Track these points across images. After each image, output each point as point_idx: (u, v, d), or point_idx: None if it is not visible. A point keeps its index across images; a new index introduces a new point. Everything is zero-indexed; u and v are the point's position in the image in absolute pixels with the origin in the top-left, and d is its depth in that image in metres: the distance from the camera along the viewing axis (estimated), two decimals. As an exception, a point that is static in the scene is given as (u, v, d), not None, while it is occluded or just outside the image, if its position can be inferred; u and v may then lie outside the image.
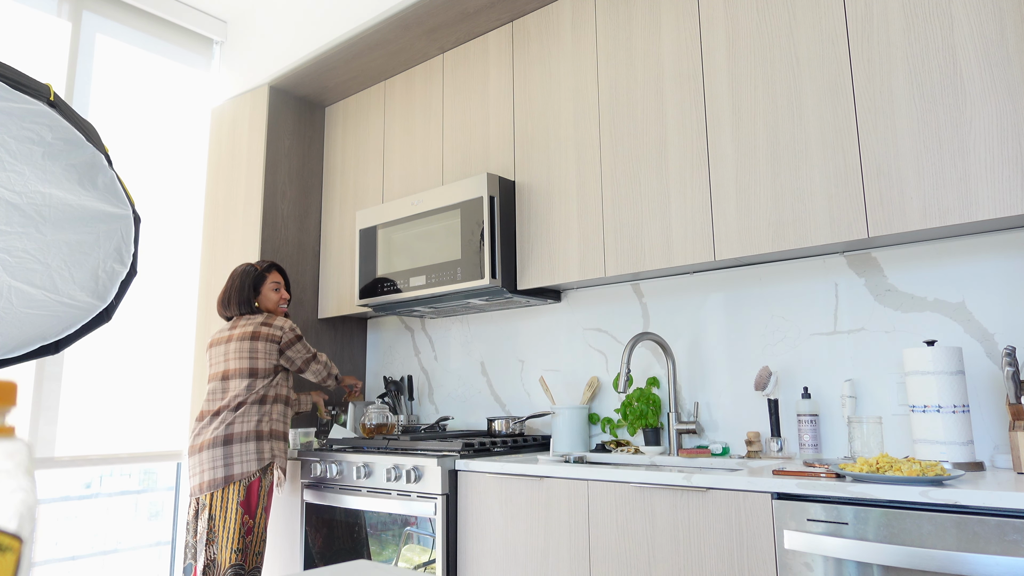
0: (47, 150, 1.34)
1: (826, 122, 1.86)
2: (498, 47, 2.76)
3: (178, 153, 3.42)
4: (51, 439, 2.85)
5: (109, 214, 1.48)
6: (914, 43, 1.74)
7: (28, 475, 0.41)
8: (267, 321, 2.50)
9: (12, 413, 0.43)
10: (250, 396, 2.39)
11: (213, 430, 2.34)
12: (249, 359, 2.42)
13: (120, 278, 1.56)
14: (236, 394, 2.38)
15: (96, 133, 1.42)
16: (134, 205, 1.52)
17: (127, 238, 1.53)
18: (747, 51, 2.04)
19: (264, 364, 2.43)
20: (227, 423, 2.34)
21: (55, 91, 1.28)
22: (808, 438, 1.99)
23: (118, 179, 1.47)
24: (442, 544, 2.15)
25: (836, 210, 1.82)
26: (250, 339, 2.44)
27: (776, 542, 1.53)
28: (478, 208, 2.51)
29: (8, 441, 0.41)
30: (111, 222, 1.49)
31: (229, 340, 2.47)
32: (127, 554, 3.10)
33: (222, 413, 2.36)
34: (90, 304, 1.54)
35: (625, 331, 2.52)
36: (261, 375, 2.42)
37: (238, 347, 2.43)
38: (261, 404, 2.40)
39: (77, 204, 1.43)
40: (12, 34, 2.87)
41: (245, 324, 2.49)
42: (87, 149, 1.38)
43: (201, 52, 3.58)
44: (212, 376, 2.48)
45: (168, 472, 3.30)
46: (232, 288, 2.58)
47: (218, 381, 2.44)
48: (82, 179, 1.41)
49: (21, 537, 0.40)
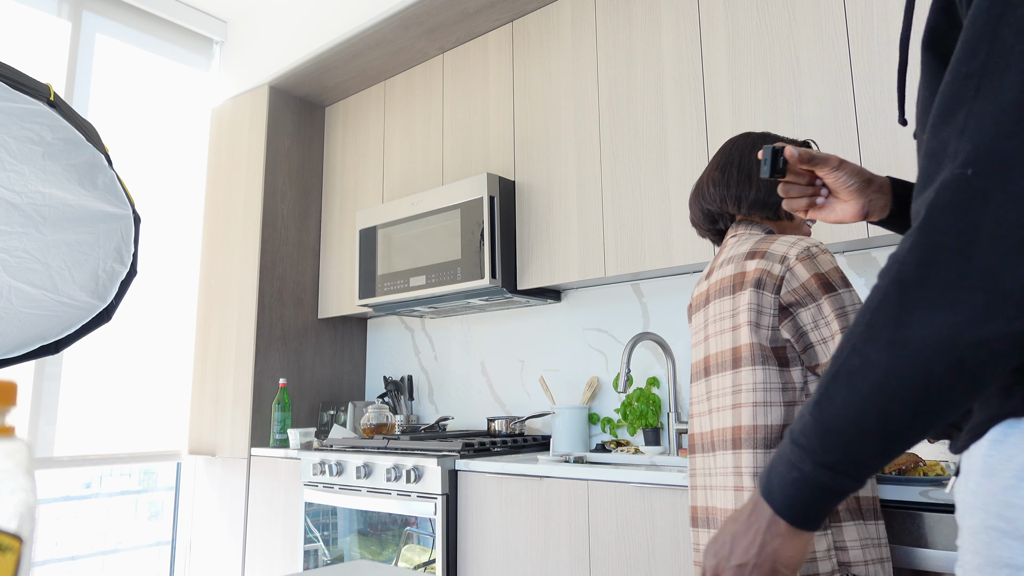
0: (47, 150, 1.34)
1: (826, 122, 1.86)
2: (498, 47, 2.76)
3: (178, 153, 3.42)
4: (51, 439, 2.85)
5: (109, 214, 1.48)
6: (914, 43, 1.74)
7: (28, 475, 0.41)
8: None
9: (12, 413, 0.43)
10: None
11: None
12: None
13: (120, 278, 1.56)
14: None
15: (96, 133, 1.42)
16: (134, 205, 1.52)
17: (127, 238, 1.53)
18: (747, 51, 2.04)
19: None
20: None
21: (55, 91, 1.28)
22: (808, 438, 1.99)
23: (118, 179, 1.47)
24: (442, 544, 2.15)
25: (836, 210, 1.82)
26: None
27: (776, 542, 1.53)
28: (478, 208, 2.51)
29: (8, 441, 0.41)
30: (111, 222, 1.49)
31: None
32: (127, 554, 3.11)
33: None
34: (90, 304, 1.54)
35: (625, 331, 2.52)
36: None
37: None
38: None
39: (77, 204, 1.43)
40: (12, 34, 2.87)
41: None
42: (87, 149, 1.38)
43: (201, 52, 3.58)
44: None
45: (168, 472, 3.30)
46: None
47: None
48: (82, 179, 1.41)
49: (21, 537, 0.40)
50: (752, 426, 1.21)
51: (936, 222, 0.52)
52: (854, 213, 0.94)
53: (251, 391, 3.01)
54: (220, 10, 3.54)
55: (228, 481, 3.02)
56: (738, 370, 1.25)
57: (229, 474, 3.02)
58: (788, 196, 0.95)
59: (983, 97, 0.52)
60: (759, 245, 1.31)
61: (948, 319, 0.51)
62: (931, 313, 0.52)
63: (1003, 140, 0.50)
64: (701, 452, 1.35)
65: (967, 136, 0.52)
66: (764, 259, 1.27)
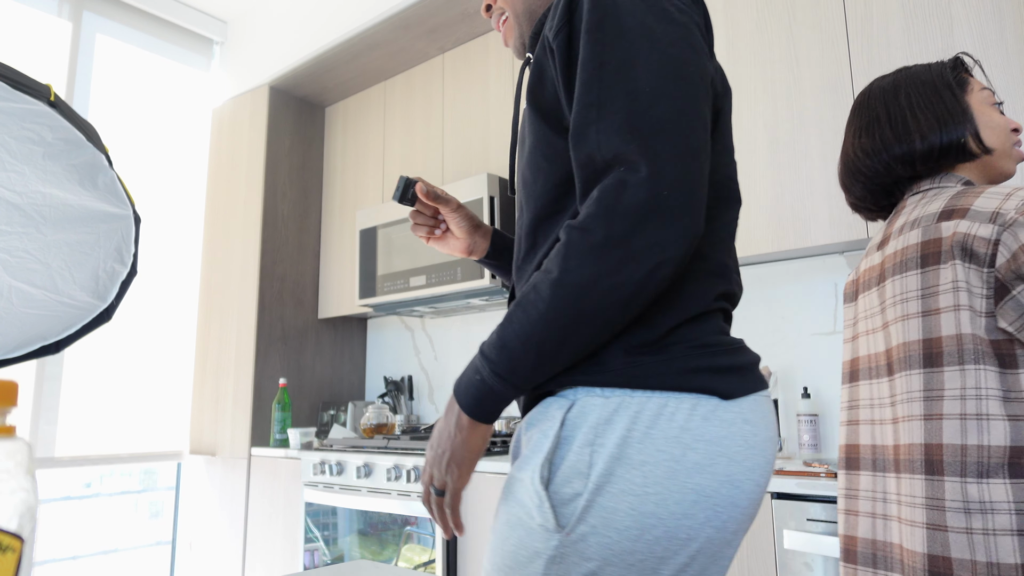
0: (47, 150, 1.34)
1: (826, 122, 1.86)
2: (498, 47, 2.76)
3: (178, 153, 3.42)
4: (51, 439, 2.86)
5: (109, 214, 1.48)
6: (914, 43, 1.74)
7: (28, 475, 0.41)
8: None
9: (12, 413, 0.43)
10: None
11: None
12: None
13: (120, 278, 1.56)
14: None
15: (96, 133, 1.42)
16: (134, 205, 1.52)
17: (127, 238, 1.53)
18: (747, 51, 2.04)
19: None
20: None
21: (55, 91, 1.28)
22: (807, 438, 1.99)
23: (118, 179, 1.47)
24: (442, 544, 2.16)
25: (836, 210, 1.82)
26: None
27: (776, 542, 1.53)
28: (478, 208, 2.51)
29: (8, 441, 0.41)
30: (111, 222, 1.49)
31: None
32: (127, 554, 3.11)
33: None
34: (90, 304, 1.54)
35: (625, 331, 2.52)
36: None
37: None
38: None
39: (77, 204, 1.43)
40: (12, 34, 2.88)
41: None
42: (87, 149, 1.38)
43: (201, 52, 3.58)
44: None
45: (168, 472, 3.30)
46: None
47: None
48: (82, 179, 1.41)
49: (22, 537, 0.40)
50: (960, 446, 0.91)
51: (593, 201, 0.70)
52: (462, 249, 1.11)
53: (251, 391, 3.01)
54: (220, 10, 3.54)
55: (228, 481, 3.02)
56: (936, 369, 0.95)
57: (229, 474, 3.02)
58: (415, 222, 1.10)
59: (603, 119, 0.72)
60: (957, 201, 0.99)
61: (593, 269, 0.68)
62: (582, 264, 0.69)
63: (624, 145, 0.70)
64: (871, 470, 1.05)
65: (601, 147, 0.72)
66: (967, 218, 0.95)
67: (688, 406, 0.73)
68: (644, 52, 0.72)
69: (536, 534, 0.73)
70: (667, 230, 0.67)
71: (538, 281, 0.72)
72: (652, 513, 0.71)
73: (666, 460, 0.72)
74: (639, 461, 0.71)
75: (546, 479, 0.73)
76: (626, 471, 0.71)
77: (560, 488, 0.73)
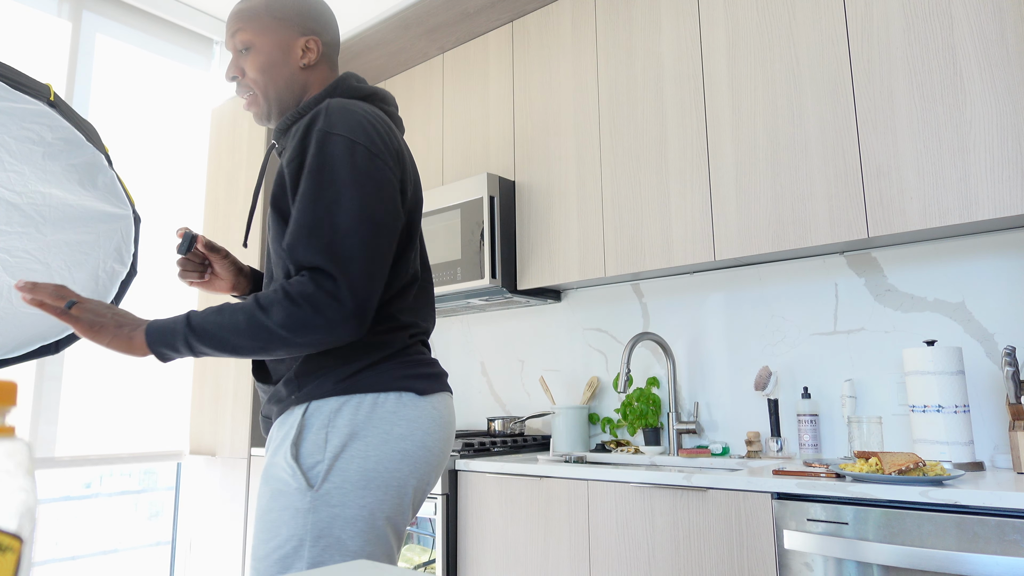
0: (47, 150, 1.34)
1: (826, 122, 1.86)
2: (498, 47, 2.76)
3: (178, 153, 3.42)
4: (51, 439, 2.85)
5: (109, 214, 1.48)
6: (914, 43, 1.74)
7: (28, 475, 0.41)
8: None
9: (12, 413, 0.44)
10: None
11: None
12: None
13: (120, 278, 1.56)
14: None
15: (96, 133, 1.42)
16: (134, 205, 1.52)
17: (127, 238, 1.53)
18: (747, 51, 2.04)
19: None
20: None
21: (55, 91, 1.28)
22: (808, 438, 1.99)
23: (118, 179, 1.47)
24: (442, 544, 2.15)
25: (836, 210, 1.82)
26: None
27: (776, 542, 1.53)
28: (478, 208, 2.51)
29: (8, 441, 0.41)
30: (111, 222, 1.49)
31: None
32: (127, 554, 3.11)
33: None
34: (90, 304, 1.53)
35: (625, 331, 2.52)
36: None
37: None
38: None
39: (77, 204, 1.43)
40: (12, 34, 2.87)
41: None
42: (87, 149, 1.38)
43: (201, 52, 3.58)
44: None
45: (168, 472, 3.30)
46: None
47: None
48: (82, 179, 1.41)
49: (21, 537, 0.40)
50: None
51: (305, 281, 1.01)
52: (226, 288, 1.31)
53: (251, 391, 3.00)
54: (220, 10, 3.54)
55: (228, 481, 3.02)
56: None
57: (229, 474, 3.02)
58: (184, 269, 1.27)
59: (311, 240, 1.02)
60: None
61: (287, 324, 1.00)
62: (283, 318, 1.00)
63: (324, 263, 1.00)
64: None
65: (305, 259, 1.01)
66: None
67: (395, 398, 1.09)
68: (346, 198, 1.03)
69: (294, 495, 1.03)
70: (335, 323, 1.00)
71: (254, 307, 1.01)
72: (373, 469, 1.05)
73: (381, 433, 1.07)
74: (363, 435, 1.06)
75: (295, 455, 1.05)
76: (354, 442, 1.05)
77: (306, 460, 1.05)
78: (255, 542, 1.06)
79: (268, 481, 1.07)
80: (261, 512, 1.06)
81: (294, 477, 1.03)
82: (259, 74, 1.21)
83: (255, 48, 1.22)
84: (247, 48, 1.22)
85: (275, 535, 1.03)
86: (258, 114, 1.25)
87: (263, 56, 1.21)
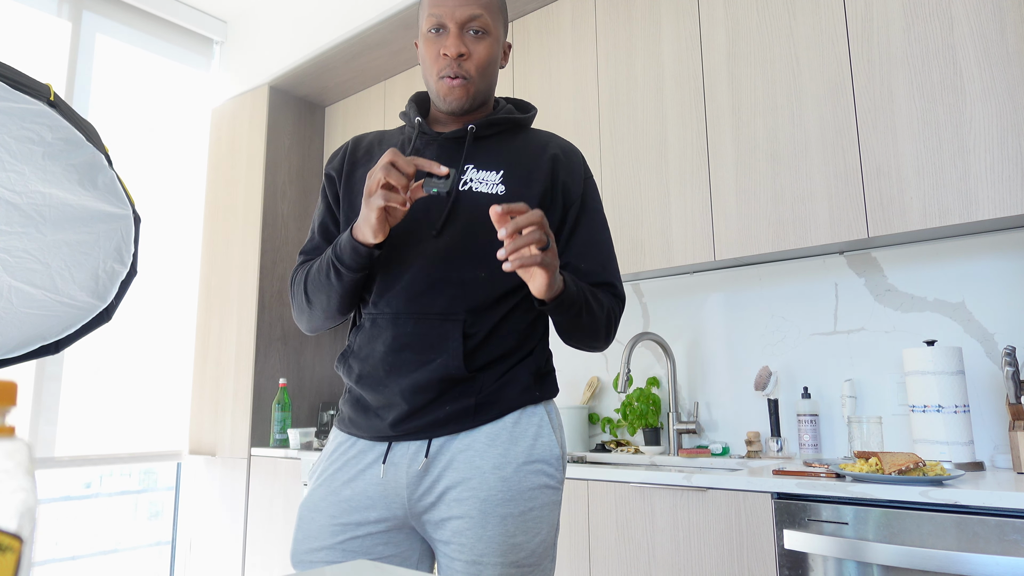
0: (47, 150, 1.34)
1: (826, 122, 1.86)
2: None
3: (178, 153, 3.42)
4: (51, 439, 2.85)
5: (109, 214, 1.48)
6: (914, 43, 1.74)
7: (28, 475, 0.41)
8: None
9: (12, 413, 0.44)
10: None
11: None
12: None
13: (120, 278, 1.56)
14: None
15: (96, 133, 1.42)
16: (134, 205, 1.52)
17: (127, 238, 1.53)
18: (747, 51, 2.04)
19: None
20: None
21: (55, 91, 1.28)
22: (808, 438, 1.99)
23: (118, 179, 1.47)
24: (442, 544, 2.15)
25: (836, 210, 1.82)
26: None
27: (776, 542, 1.53)
28: (478, 208, 2.50)
29: (8, 441, 0.41)
30: (111, 222, 1.49)
31: None
32: (127, 554, 3.11)
33: None
34: (90, 304, 1.54)
35: (625, 331, 2.52)
36: None
37: None
38: None
39: (77, 204, 1.43)
40: (12, 34, 2.87)
41: None
42: (87, 149, 1.38)
43: (201, 52, 3.58)
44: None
45: (168, 472, 3.30)
46: None
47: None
48: (82, 179, 1.41)
49: (21, 537, 0.40)
50: None
51: (618, 298, 1.26)
52: (393, 223, 1.15)
53: (251, 391, 3.00)
54: (220, 10, 3.54)
55: (228, 481, 3.02)
56: None
57: (229, 474, 3.02)
58: (399, 188, 1.02)
59: (612, 263, 1.24)
60: None
61: (616, 324, 1.25)
62: (617, 321, 1.24)
63: (617, 281, 1.24)
64: None
65: (615, 276, 1.24)
66: None
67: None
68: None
69: (558, 491, 1.15)
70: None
71: (611, 303, 1.20)
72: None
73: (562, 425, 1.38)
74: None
75: (555, 452, 1.15)
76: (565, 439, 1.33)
77: (556, 456, 1.15)
78: (508, 544, 1.06)
79: (524, 478, 1.10)
80: (519, 512, 1.08)
81: (558, 471, 1.14)
82: (487, 65, 1.17)
83: (492, 37, 1.17)
84: (484, 32, 1.16)
85: (536, 533, 1.09)
86: (461, 98, 1.16)
87: (494, 49, 1.18)
